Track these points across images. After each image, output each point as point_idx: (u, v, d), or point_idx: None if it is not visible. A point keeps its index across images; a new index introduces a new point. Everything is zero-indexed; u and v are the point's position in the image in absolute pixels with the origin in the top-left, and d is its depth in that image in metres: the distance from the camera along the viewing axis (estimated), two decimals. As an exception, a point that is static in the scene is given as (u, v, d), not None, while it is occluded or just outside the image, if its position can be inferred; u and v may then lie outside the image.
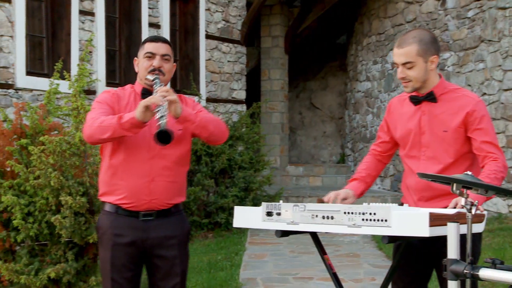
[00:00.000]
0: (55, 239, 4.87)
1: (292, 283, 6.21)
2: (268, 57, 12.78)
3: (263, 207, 2.90)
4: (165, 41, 3.32)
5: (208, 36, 10.94)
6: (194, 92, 9.78)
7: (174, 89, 3.13)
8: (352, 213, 2.64)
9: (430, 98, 3.15)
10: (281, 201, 2.89)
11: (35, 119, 5.20)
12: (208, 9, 10.95)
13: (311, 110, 14.69)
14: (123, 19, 9.72)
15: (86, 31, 8.89)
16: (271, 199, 9.58)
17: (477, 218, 2.79)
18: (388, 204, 2.76)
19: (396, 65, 3.16)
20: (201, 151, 9.13)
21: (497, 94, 8.35)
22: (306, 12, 12.68)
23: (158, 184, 3.17)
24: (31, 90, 8.20)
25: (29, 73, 8.25)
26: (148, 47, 3.25)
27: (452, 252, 2.31)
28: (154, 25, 9.97)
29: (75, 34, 8.76)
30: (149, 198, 3.16)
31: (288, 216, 2.81)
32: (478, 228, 2.83)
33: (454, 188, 2.40)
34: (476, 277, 2.27)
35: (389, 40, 11.13)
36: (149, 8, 9.91)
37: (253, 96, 12.46)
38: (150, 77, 3.20)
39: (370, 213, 2.59)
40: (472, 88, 8.71)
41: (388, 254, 7.23)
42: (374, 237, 8.10)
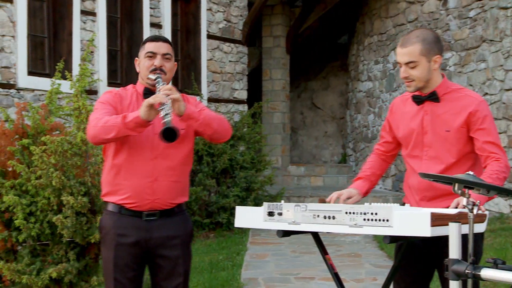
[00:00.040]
0: (56, 239, 4.87)
1: (293, 283, 6.21)
2: (270, 57, 12.77)
3: (264, 207, 2.89)
4: (166, 40, 3.32)
5: (209, 36, 10.95)
6: (196, 92, 9.78)
7: (176, 89, 3.13)
8: (353, 213, 2.63)
9: (433, 97, 3.15)
10: (282, 201, 2.89)
11: (36, 119, 5.20)
12: (209, 9, 10.95)
13: (313, 110, 14.68)
14: (125, 19, 9.73)
15: (88, 31, 8.89)
16: (272, 199, 9.58)
17: (479, 218, 2.79)
18: (389, 204, 2.76)
19: (399, 64, 3.16)
20: (203, 151, 9.13)
21: (498, 94, 8.35)
22: (307, 12, 12.68)
23: (161, 184, 3.17)
24: (32, 90, 8.20)
25: (30, 73, 8.26)
26: (149, 46, 3.25)
27: (454, 252, 2.31)
28: (155, 25, 9.97)
29: (76, 34, 8.76)
30: (152, 198, 3.16)
31: (290, 216, 2.80)
32: (479, 228, 2.82)
33: (456, 188, 2.40)
34: (478, 277, 2.27)
35: (391, 40, 11.12)
36: (151, 8, 9.92)
37: (255, 96, 12.45)
38: (152, 76, 3.20)
39: (372, 213, 2.59)
40: (473, 88, 8.70)
41: (390, 254, 7.23)
42: (376, 237, 8.09)
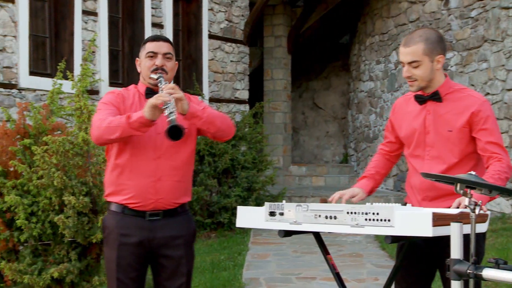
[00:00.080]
0: (58, 239, 4.87)
1: (295, 283, 6.21)
2: (271, 57, 12.77)
3: (266, 207, 2.90)
4: (166, 40, 3.32)
5: (211, 36, 10.95)
6: (197, 92, 9.78)
7: (179, 87, 3.13)
8: (355, 213, 2.63)
9: (435, 97, 3.15)
10: (284, 201, 2.89)
11: (38, 119, 5.20)
12: (211, 9, 10.95)
13: (314, 110, 14.68)
14: (126, 19, 9.73)
15: (89, 31, 8.90)
16: (274, 199, 9.58)
17: (481, 218, 2.79)
18: (391, 204, 2.75)
19: (401, 63, 3.16)
20: (204, 151, 9.13)
21: (500, 94, 8.34)
22: (309, 12, 12.68)
23: (165, 183, 3.17)
24: (34, 90, 8.21)
25: (32, 73, 8.26)
26: (150, 46, 3.25)
27: (455, 252, 2.31)
28: (157, 25, 9.97)
29: (78, 34, 8.77)
30: (155, 198, 3.16)
31: (291, 216, 2.80)
32: (481, 228, 2.82)
33: (457, 188, 2.40)
34: (480, 277, 2.26)
35: (392, 40, 11.11)
36: (152, 8, 9.92)
37: (256, 96, 12.45)
38: (154, 76, 3.21)
39: (373, 213, 2.59)
40: (475, 88, 8.70)
41: (391, 254, 7.22)
42: (377, 237, 8.09)
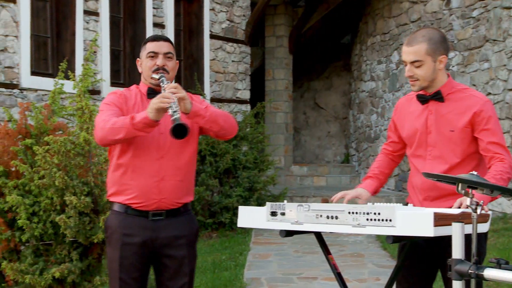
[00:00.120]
0: (59, 239, 4.87)
1: (296, 283, 6.21)
2: (273, 57, 12.77)
3: (267, 207, 2.90)
4: (167, 40, 3.32)
5: (212, 36, 10.95)
6: (199, 92, 9.78)
7: (181, 87, 3.13)
8: (356, 213, 2.64)
9: (437, 97, 3.15)
10: (285, 201, 2.89)
11: (39, 119, 5.21)
12: (212, 9, 10.95)
13: (316, 110, 14.68)
14: (128, 19, 9.73)
15: (91, 31, 8.90)
16: (275, 199, 9.58)
17: (482, 218, 2.78)
18: (392, 204, 2.75)
19: (404, 63, 3.16)
20: (206, 151, 9.13)
21: (502, 93, 8.33)
22: (310, 12, 12.67)
23: (168, 183, 3.17)
24: (35, 90, 8.21)
25: (33, 73, 8.26)
26: (150, 46, 3.25)
27: (457, 252, 2.31)
28: (158, 25, 9.97)
29: (79, 34, 8.77)
30: (158, 198, 3.16)
31: (293, 216, 2.80)
32: (482, 228, 2.82)
33: (459, 188, 2.40)
34: (481, 277, 2.26)
35: (394, 40, 11.11)
36: (154, 8, 9.92)
37: (257, 96, 12.45)
38: (156, 76, 3.21)
39: (375, 213, 2.59)
40: (476, 88, 8.69)
41: (393, 254, 7.22)
42: (379, 237, 8.09)
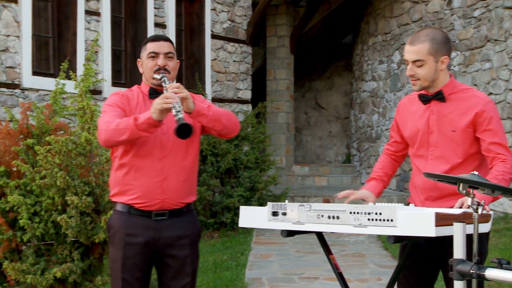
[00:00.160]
0: (61, 239, 4.87)
1: (297, 283, 6.20)
2: (274, 57, 12.77)
3: (268, 207, 2.90)
4: (167, 39, 3.31)
5: (213, 36, 10.95)
6: (200, 91, 9.78)
7: (183, 86, 3.14)
8: (358, 213, 2.63)
9: (439, 97, 3.14)
10: (286, 201, 2.89)
11: (41, 119, 5.21)
12: (213, 9, 10.95)
13: (317, 110, 14.68)
14: (129, 19, 9.74)
15: (92, 31, 8.90)
16: (276, 199, 9.58)
17: (483, 218, 2.78)
18: (394, 204, 2.75)
19: (406, 62, 3.16)
20: (207, 151, 9.13)
21: (503, 93, 8.33)
22: (312, 12, 12.67)
23: (171, 183, 3.17)
24: (37, 90, 8.21)
25: (35, 73, 8.27)
26: (151, 47, 3.25)
27: (458, 252, 2.31)
28: (159, 25, 9.97)
29: (81, 34, 8.77)
30: (162, 198, 3.16)
31: (294, 216, 2.80)
32: (484, 228, 2.82)
33: (460, 188, 2.40)
34: (482, 277, 2.26)
35: (395, 40, 11.10)
36: (155, 8, 9.92)
37: (259, 96, 12.45)
38: (157, 76, 3.21)
39: (376, 213, 2.59)
40: (478, 88, 8.68)
41: (394, 254, 7.22)
42: (380, 237, 8.08)
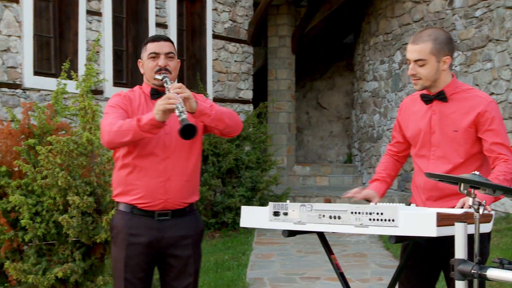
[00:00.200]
0: (62, 239, 4.88)
1: (299, 283, 6.20)
2: (275, 57, 12.77)
3: (270, 207, 2.89)
4: (167, 39, 3.31)
5: (215, 36, 10.95)
6: (201, 91, 9.78)
7: (185, 86, 3.14)
8: (359, 213, 2.63)
9: (441, 97, 3.14)
10: (288, 201, 2.89)
11: (42, 119, 5.21)
12: (215, 9, 10.95)
13: (318, 110, 14.67)
14: (130, 19, 9.74)
15: (94, 31, 8.91)
16: (278, 199, 9.57)
17: (485, 218, 2.78)
18: (395, 204, 2.75)
19: (408, 61, 3.15)
20: (208, 151, 9.13)
21: (504, 93, 8.32)
22: (313, 12, 12.67)
23: (174, 183, 3.17)
24: (38, 90, 8.22)
25: (36, 73, 8.28)
26: (151, 47, 3.24)
27: (460, 252, 2.31)
28: (161, 25, 9.97)
29: (82, 34, 8.78)
30: (165, 198, 3.16)
31: (295, 216, 2.80)
32: (485, 228, 2.82)
33: (461, 188, 2.40)
34: (484, 277, 2.26)
35: (396, 40, 11.10)
36: (156, 8, 9.92)
37: (260, 96, 12.45)
38: (159, 77, 3.21)
39: (377, 213, 2.58)
40: (479, 87, 8.68)
41: (395, 254, 7.22)
42: (381, 237, 8.08)
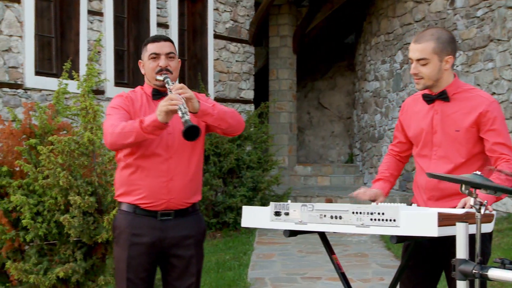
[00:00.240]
0: (63, 239, 4.88)
1: (300, 283, 6.20)
2: (276, 56, 12.77)
3: (271, 207, 2.89)
4: (167, 39, 3.30)
5: (216, 36, 10.95)
6: (202, 91, 9.78)
7: (186, 86, 3.14)
8: (360, 213, 2.63)
9: (443, 97, 3.14)
10: (289, 201, 2.89)
11: (44, 119, 5.21)
12: (216, 9, 10.95)
13: (319, 109, 14.67)
14: (132, 19, 9.74)
15: (95, 31, 8.91)
16: (279, 199, 9.58)
17: (486, 218, 2.78)
18: (396, 204, 2.75)
19: (410, 60, 3.15)
20: (209, 151, 9.13)
21: (506, 93, 8.32)
22: (314, 11, 12.66)
23: (176, 183, 3.17)
24: (40, 90, 8.22)
25: (38, 73, 8.28)
26: (151, 48, 3.24)
27: (461, 252, 2.31)
28: (162, 25, 9.98)
29: (83, 34, 8.78)
30: (167, 198, 3.17)
31: (296, 216, 2.80)
32: (487, 228, 2.82)
33: (463, 188, 2.40)
34: (485, 277, 2.26)
35: (398, 40, 11.10)
36: (158, 8, 9.93)
37: (261, 96, 12.45)
38: (160, 77, 3.20)
39: (379, 213, 2.58)
40: (481, 87, 8.68)
41: (397, 254, 7.21)
42: (383, 237, 8.08)
